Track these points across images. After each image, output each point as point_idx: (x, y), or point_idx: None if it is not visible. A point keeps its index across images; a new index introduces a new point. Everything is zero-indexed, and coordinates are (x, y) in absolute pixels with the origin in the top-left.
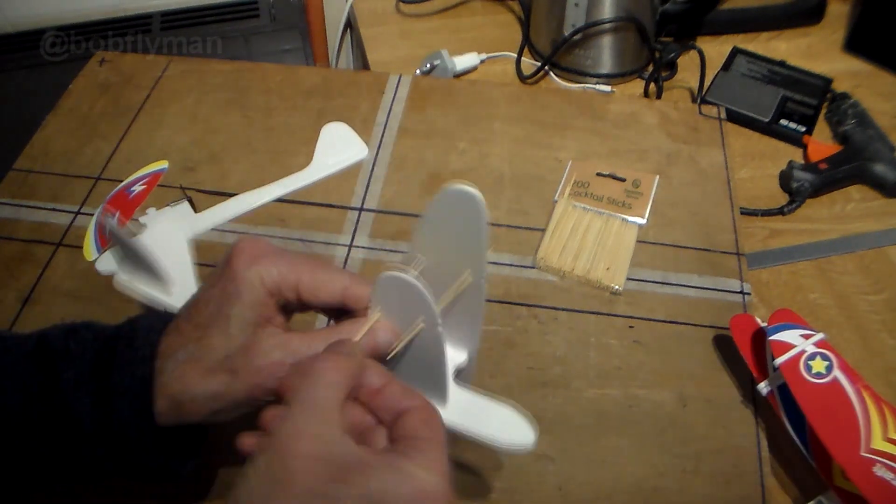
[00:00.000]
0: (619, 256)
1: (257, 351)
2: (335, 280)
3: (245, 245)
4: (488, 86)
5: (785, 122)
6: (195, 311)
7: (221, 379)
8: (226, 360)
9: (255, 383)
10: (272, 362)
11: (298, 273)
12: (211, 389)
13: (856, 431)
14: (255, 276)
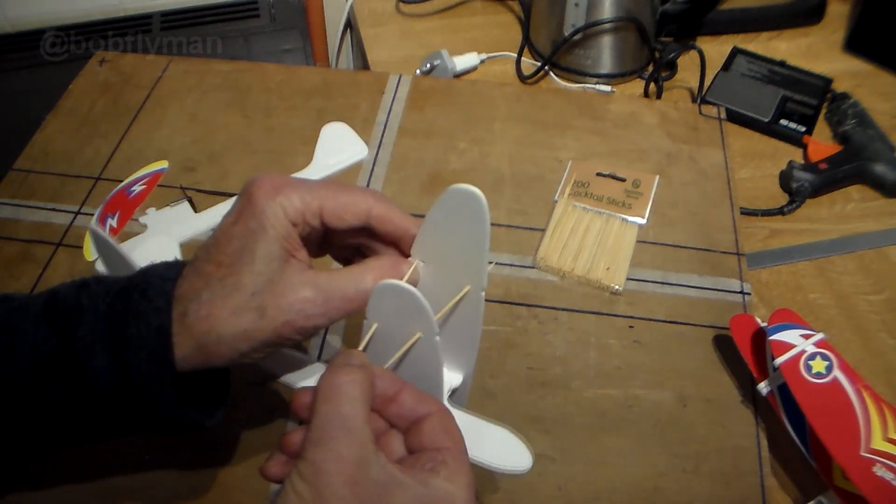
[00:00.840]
0: (619, 256)
1: (285, 287)
2: (359, 201)
3: (264, 178)
4: (488, 86)
5: (785, 122)
6: (216, 251)
7: (249, 317)
8: (253, 298)
9: (284, 321)
10: (301, 298)
11: (321, 198)
12: (240, 328)
13: (856, 431)
14: (277, 207)
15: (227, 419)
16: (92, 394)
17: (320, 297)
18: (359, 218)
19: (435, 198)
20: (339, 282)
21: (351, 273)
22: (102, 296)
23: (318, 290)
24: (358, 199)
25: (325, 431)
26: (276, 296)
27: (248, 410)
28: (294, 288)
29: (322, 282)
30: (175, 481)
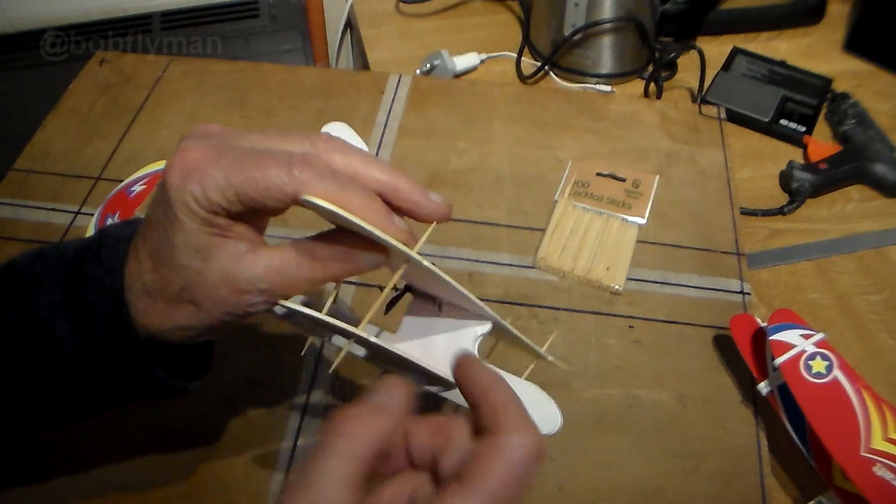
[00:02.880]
0: (619, 256)
1: (216, 279)
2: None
3: (178, 156)
4: (488, 86)
5: (785, 122)
6: (148, 234)
7: (185, 310)
8: (184, 292)
9: (222, 311)
10: (235, 290)
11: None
12: (178, 322)
13: (856, 431)
14: (187, 197)
15: (228, 419)
16: (59, 365)
17: (259, 289)
18: (284, 203)
19: None
20: (280, 266)
21: (293, 254)
22: (58, 261)
23: (255, 279)
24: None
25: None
26: (207, 289)
27: (248, 410)
28: (226, 280)
29: (259, 268)
30: (175, 481)
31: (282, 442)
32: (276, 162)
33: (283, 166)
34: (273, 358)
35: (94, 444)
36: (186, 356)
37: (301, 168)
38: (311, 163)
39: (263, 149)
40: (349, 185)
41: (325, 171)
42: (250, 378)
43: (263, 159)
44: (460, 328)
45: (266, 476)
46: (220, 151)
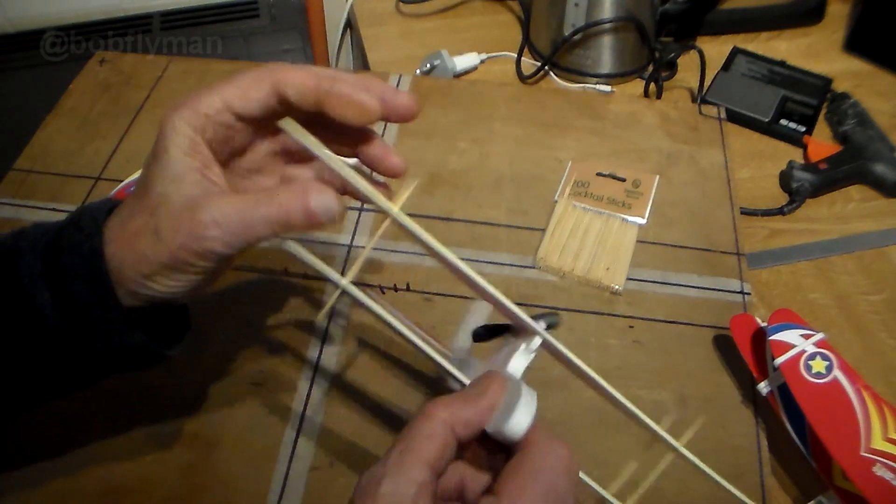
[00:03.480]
0: (619, 256)
1: (181, 208)
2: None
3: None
4: (488, 86)
5: (785, 122)
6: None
7: (146, 240)
8: (151, 219)
9: (178, 243)
10: (196, 220)
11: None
12: (138, 251)
13: (856, 431)
14: (178, 120)
15: (228, 419)
16: (41, 333)
17: (217, 221)
18: (265, 92)
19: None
20: (240, 207)
21: (255, 199)
22: (40, 236)
23: (216, 214)
24: (259, 72)
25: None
26: (171, 217)
27: (248, 410)
28: (190, 209)
29: (223, 205)
30: (175, 481)
31: (282, 442)
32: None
33: (256, 68)
34: (273, 358)
35: (94, 444)
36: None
37: (275, 65)
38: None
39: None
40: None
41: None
42: (250, 378)
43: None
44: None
45: (266, 476)
46: (207, 87)
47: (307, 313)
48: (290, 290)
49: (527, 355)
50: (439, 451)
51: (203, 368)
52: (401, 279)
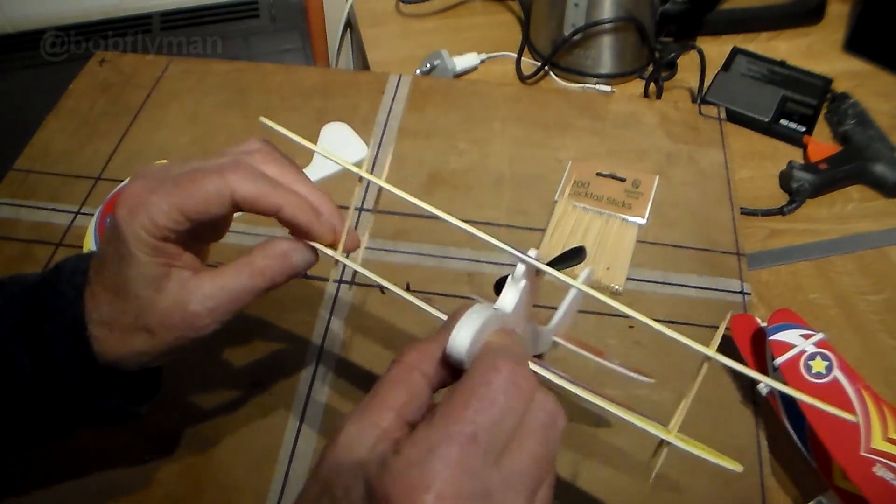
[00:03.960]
0: (619, 256)
1: (168, 306)
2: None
3: (124, 195)
4: (488, 86)
5: (785, 122)
6: (101, 269)
7: (141, 338)
8: (138, 320)
9: (175, 336)
10: (188, 314)
11: (179, 201)
12: (134, 348)
13: (856, 431)
14: (138, 230)
15: (228, 420)
16: (18, 393)
17: (209, 308)
18: (224, 206)
19: (435, 198)
20: (226, 286)
21: (237, 272)
22: (18, 296)
23: (207, 302)
24: (216, 185)
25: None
26: (160, 316)
27: (248, 410)
28: (178, 305)
29: (210, 290)
30: (175, 481)
31: (282, 442)
32: (208, 172)
33: (215, 173)
34: (273, 358)
35: (94, 444)
36: (137, 381)
37: (232, 170)
38: (240, 165)
39: (199, 166)
40: (279, 185)
41: (254, 172)
42: (250, 378)
43: (198, 174)
44: None
45: (266, 476)
46: (159, 181)
47: (307, 313)
48: (289, 289)
49: (514, 286)
50: (406, 396)
51: (203, 368)
52: (401, 279)
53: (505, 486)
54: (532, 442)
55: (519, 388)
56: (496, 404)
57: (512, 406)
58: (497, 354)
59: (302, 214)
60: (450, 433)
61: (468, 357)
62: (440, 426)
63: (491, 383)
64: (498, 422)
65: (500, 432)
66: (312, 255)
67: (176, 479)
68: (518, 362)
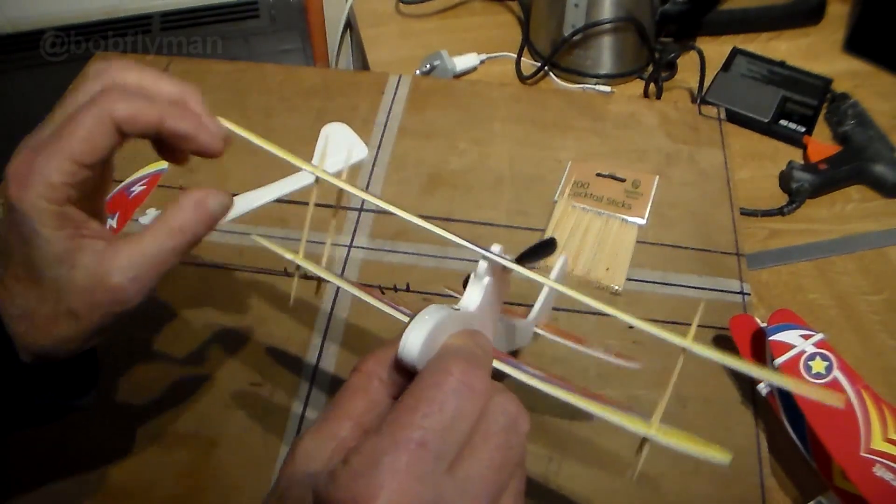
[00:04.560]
0: (618, 257)
1: (87, 283)
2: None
3: (10, 172)
4: (488, 86)
5: (785, 123)
6: (7, 259)
7: (65, 323)
8: (60, 304)
9: (102, 314)
10: (109, 288)
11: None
12: (60, 335)
13: (856, 432)
14: (36, 199)
15: (228, 420)
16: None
17: (131, 278)
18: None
19: (435, 198)
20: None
21: (154, 234)
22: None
23: (127, 272)
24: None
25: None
26: (81, 295)
27: (248, 410)
28: (97, 280)
29: (125, 259)
30: (175, 481)
31: (282, 442)
32: (81, 108)
33: (89, 106)
34: (273, 358)
35: (94, 444)
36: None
37: (104, 96)
38: (106, 87)
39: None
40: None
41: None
42: (250, 378)
43: (71, 118)
44: None
45: (266, 476)
46: (38, 143)
47: (307, 313)
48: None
49: (478, 283)
50: (364, 405)
51: (203, 368)
52: (401, 279)
53: (459, 494)
54: (489, 447)
55: (472, 389)
56: (446, 408)
57: (464, 409)
58: (450, 356)
59: (184, 121)
60: (397, 440)
61: (420, 361)
62: (387, 433)
63: (441, 385)
64: (449, 426)
65: (452, 437)
66: (227, 197)
67: (176, 479)
68: (474, 363)
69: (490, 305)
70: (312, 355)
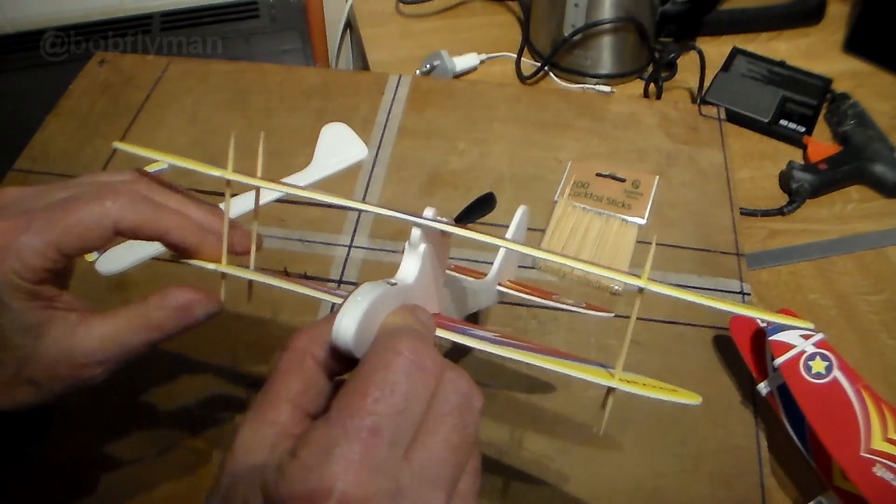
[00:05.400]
0: (618, 257)
1: (52, 356)
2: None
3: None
4: (488, 86)
5: (785, 123)
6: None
7: (25, 390)
8: (21, 372)
9: (62, 386)
10: (74, 364)
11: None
12: (17, 401)
13: (855, 431)
14: (9, 275)
15: (228, 421)
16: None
17: (95, 359)
18: (105, 238)
19: (435, 198)
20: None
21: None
22: None
23: (92, 352)
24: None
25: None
26: (44, 367)
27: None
28: (63, 355)
29: (95, 340)
30: (175, 481)
31: None
32: (85, 201)
33: (93, 201)
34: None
35: (94, 445)
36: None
37: (113, 197)
38: (119, 191)
39: (70, 195)
40: (163, 207)
41: (136, 196)
42: (250, 380)
43: (71, 203)
44: None
45: None
46: (27, 216)
47: (307, 313)
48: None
49: (413, 253)
50: (300, 386)
51: (202, 369)
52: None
53: (418, 481)
54: (445, 428)
55: (423, 368)
56: (398, 390)
57: (416, 390)
58: (395, 334)
59: (190, 236)
60: (347, 429)
61: (357, 345)
62: (337, 422)
63: (390, 367)
64: (402, 410)
65: (406, 421)
66: (216, 305)
67: (176, 480)
68: (421, 340)
69: (430, 274)
70: None
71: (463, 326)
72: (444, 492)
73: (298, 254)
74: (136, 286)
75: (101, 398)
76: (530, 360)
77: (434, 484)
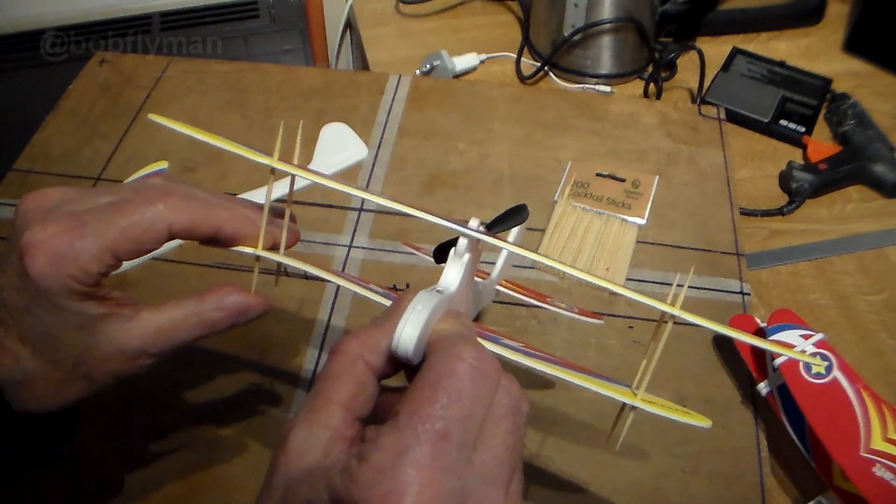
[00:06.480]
0: (618, 257)
1: (107, 351)
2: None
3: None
4: (488, 86)
5: (784, 123)
6: (14, 322)
7: (78, 385)
8: (76, 368)
9: (114, 378)
10: (127, 356)
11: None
12: (71, 396)
13: (855, 431)
14: (67, 281)
15: (228, 421)
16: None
17: (148, 351)
18: (159, 240)
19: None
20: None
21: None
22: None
23: (147, 346)
24: (150, 218)
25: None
26: (99, 361)
27: (247, 410)
28: (118, 350)
29: (149, 334)
30: (175, 481)
31: None
32: (138, 203)
33: (145, 204)
34: (273, 357)
35: (94, 445)
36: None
37: (164, 199)
38: (169, 191)
39: (119, 198)
40: (212, 204)
41: (185, 195)
42: (250, 380)
43: (123, 207)
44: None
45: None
46: (77, 220)
47: (307, 313)
48: (290, 290)
49: (458, 261)
50: (353, 390)
51: (202, 368)
52: (401, 279)
53: (482, 482)
54: (502, 430)
55: (486, 374)
56: (465, 395)
57: (480, 395)
58: (455, 341)
59: (242, 227)
60: (419, 433)
61: (416, 353)
62: (407, 426)
63: (456, 373)
64: (469, 414)
65: (472, 425)
66: (268, 306)
67: (176, 479)
68: (480, 347)
69: (467, 280)
70: (312, 354)
71: (494, 335)
72: (503, 490)
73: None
74: (137, 286)
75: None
76: (562, 375)
77: (495, 484)
